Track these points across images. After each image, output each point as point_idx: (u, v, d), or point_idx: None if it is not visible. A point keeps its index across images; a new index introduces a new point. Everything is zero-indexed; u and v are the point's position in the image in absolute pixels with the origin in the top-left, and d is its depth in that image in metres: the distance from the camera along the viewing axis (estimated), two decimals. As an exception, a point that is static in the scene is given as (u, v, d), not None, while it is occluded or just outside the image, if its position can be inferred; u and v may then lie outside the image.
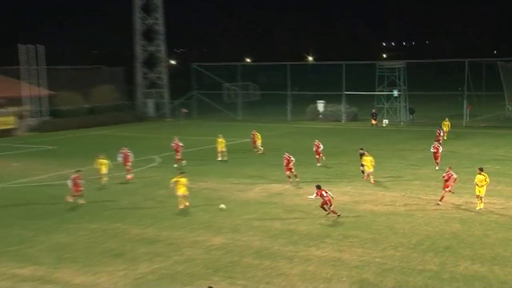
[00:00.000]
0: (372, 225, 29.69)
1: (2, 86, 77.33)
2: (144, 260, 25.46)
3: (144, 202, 35.92)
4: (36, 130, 72.01)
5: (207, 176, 43.04)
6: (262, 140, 53.86)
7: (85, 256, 26.20)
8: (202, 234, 28.95)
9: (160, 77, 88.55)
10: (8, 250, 27.25)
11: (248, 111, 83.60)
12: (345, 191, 37.31)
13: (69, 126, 74.72)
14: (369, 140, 59.97)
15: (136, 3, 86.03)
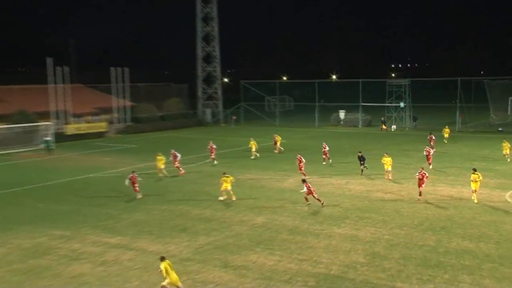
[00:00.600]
0: (382, 209, 29.60)
1: (97, 99, 78.71)
2: (203, 234, 25.74)
3: (202, 189, 36.23)
4: (122, 132, 72.87)
5: (251, 169, 43.24)
6: (281, 141, 53.82)
7: (158, 230, 26.57)
8: (247, 215, 29.15)
9: (216, 92, 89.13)
10: (100, 224, 27.81)
11: (284, 118, 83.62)
12: (361, 182, 37.17)
13: (146, 129, 75.53)
14: (380, 142, 59.62)
15: (198, 35, 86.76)
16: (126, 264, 21.96)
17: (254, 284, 19.64)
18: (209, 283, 19.87)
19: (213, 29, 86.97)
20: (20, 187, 37.82)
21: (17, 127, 59.16)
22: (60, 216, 29.63)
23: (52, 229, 27.11)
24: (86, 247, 24.11)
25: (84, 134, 67.02)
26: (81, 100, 73.34)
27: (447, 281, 19.59)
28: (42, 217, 29.62)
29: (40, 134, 59.00)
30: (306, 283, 19.67)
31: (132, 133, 72.32)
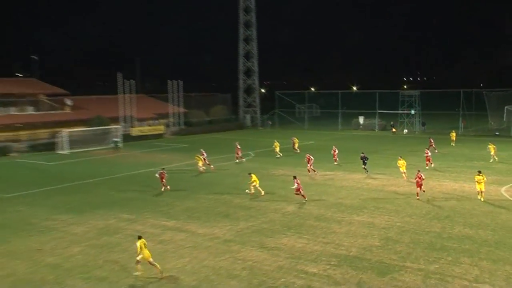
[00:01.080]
0: (395, 201, 29.13)
1: (156, 106, 79.49)
2: (242, 220, 25.77)
3: (242, 182, 36.28)
4: (176, 134, 73.49)
5: (283, 166, 43.04)
6: (298, 143, 52.84)
7: (205, 216, 26.70)
8: (280, 204, 29.06)
9: (254, 100, 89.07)
10: (158, 210, 28.08)
11: (312, 123, 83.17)
12: (377, 178, 36.67)
13: (196, 132, 75.94)
14: (394, 143, 58.72)
15: (240, 53, 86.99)
16: (179, 243, 22.15)
17: (285, 262, 19.58)
18: (248, 260, 19.89)
19: (252, 48, 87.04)
20: (95, 178, 38.54)
21: (94, 129, 60.29)
22: (126, 203, 30.08)
23: (120, 213, 27.56)
24: (147, 228, 24.41)
25: (146, 135, 67.67)
26: (144, 107, 74.24)
27: (450, 262, 19.25)
28: (112, 203, 30.11)
29: (112, 135, 59.96)
30: (329, 262, 19.52)
31: (184, 135, 72.82)
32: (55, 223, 25.83)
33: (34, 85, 73.03)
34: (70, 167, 44.77)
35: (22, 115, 64.02)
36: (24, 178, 39.75)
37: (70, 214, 27.41)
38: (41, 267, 19.58)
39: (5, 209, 29.11)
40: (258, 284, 17.57)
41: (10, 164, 47.32)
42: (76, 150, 54.70)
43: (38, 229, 24.70)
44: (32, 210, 28.70)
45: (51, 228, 24.82)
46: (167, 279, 18.15)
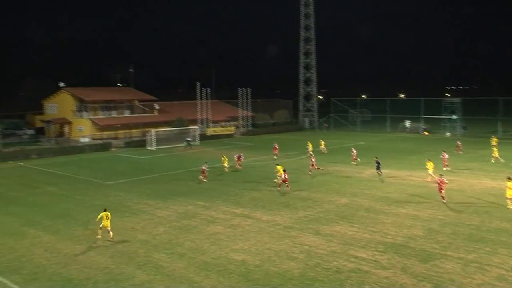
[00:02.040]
0: (437, 197, 27.91)
1: (228, 110, 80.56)
2: (301, 209, 25.60)
3: (300, 176, 36.06)
4: (244, 134, 74.01)
5: (337, 163, 42.36)
6: (325, 144, 50.66)
7: (268, 205, 26.74)
8: (334, 197, 28.65)
9: (313, 106, 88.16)
10: (229, 199, 28.37)
11: (363, 125, 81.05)
12: (420, 175, 35.24)
13: (261, 132, 75.99)
14: (437, 145, 56.15)
15: (301, 65, 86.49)
16: (246, 228, 22.33)
17: (338, 247, 19.29)
18: (305, 245, 19.76)
19: (311, 61, 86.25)
20: (177, 171, 39.55)
21: (175, 130, 61.95)
22: (201, 192, 30.65)
23: (197, 200, 28.14)
24: (219, 214, 24.78)
25: (219, 135, 68.45)
26: (217, 111, 75.43)
27: (488, 253, 18.26)
28: (190, 191, 30.80)
29: (191, 135, 61.22)
30: (377, 248, 19.03)
31: (251, 135, 73.13)
32: (145, 207, 26.79)
33: (130, 92, 76.06)
34: (157, 161, 46.25)
35: (121, 118, 66.95)
36: (121, 169, 41.50)
37: (157, 200, 28.33)
38: (134, 242, 20.37)
39: (108, 193, 30.55)
40: (313, 265, 17.42)
41: (111, 157, 49.56)
42: (162, 146, 56.39)
43: (131, 211, 25.73)
44: (127, 195, 29.93)
45: (142, 211, 25.77)
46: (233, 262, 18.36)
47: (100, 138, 60.98)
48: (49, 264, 17.87)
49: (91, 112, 65.08)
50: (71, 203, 27.92)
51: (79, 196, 29.67)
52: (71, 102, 65.20)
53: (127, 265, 17.65)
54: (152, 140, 56.74)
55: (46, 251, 19.41)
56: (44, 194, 30.49)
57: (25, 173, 38.95)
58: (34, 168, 42.07)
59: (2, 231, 22.37)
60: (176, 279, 16.29)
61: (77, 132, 63.04)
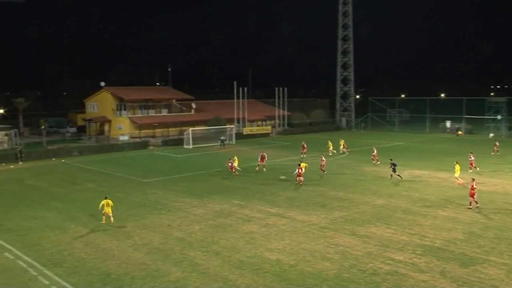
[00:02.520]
0: (479, 199, 26.93)
1: (264, 109, 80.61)
2: (336, 210, 25.39)
3: (337, 177, 35.72)
4: (281, 133, 73.80)
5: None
6: (344, 144, 49.88)
7: (304, 204, 26.65)
8: (370, 197, 28.25)
9: (350, 105, 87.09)
10: (264, 198, 28.42)
11: (401, 125, 79.50)
12: (461, 177, 34.11)
13: (298, 132, 75.44)
14: (479, 146, 54.34)
15: (338, 64, 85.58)
16: (281, 227, 22.33)
17: (374, 249, 19.01)
18: (340, 245, 19.58)
19: (349, 60, 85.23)
20: (213, 169, 39.84)
21: (211, 128, 62.56)
22: (237, 190, 30.84)
23: (232, 199, 28.35)
24: (254, 213, 24.88)
25: (255, 134, 68.52)
26: (254, 110, 75.66)
27: (534, 260, 17.47)
28: (226, 190, 31.06)
29: (226, 134, 61.67)
30: (415, 251, 18.64)
31: (287, 134, 72.80)
32: (181, 204, 27.25)
33: (168, 92, 77.54)
34: (193, 159, 46.90)
35: (158, 116, 68.35)
36: (158, 167, 42.33)
37: (193, 198, 28.75)
38: (170, 239, 20.78)
39: (145, 191, 31.26)
40: (349, 266, 17.25)
41: (149, 156, 50.65)
42: (198, 145, 57.11)
43: (168, 209, 26.23)
44: (164, 193, 30.51)
45: (178, 209, 26.22)
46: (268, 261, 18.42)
47: (138, 137, 62.42)
48: (89, 259, 18.49)
49: (130, 111, 66.79)
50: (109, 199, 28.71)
51: (117, 193, 30.48)
52: (111, 101, 67.08)
53: (163, 262, 18.03)
54: (189, 138, 57.58)
55: (86, 245, 20.09)
56: (84, 190, 31.54)
57: (67, 170, 40.42)
58: (76, 165, 43.56)
59: (46, 225, 23.33)
60: (211, 277, 16.51)
61: (116, 130, 64.81)
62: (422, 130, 74.13)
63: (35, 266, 17.81)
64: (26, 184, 34.65)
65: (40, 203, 28.00)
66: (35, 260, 18.40)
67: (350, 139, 63.64)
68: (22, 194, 31.03)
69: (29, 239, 21.14)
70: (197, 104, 74.16)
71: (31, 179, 36.37)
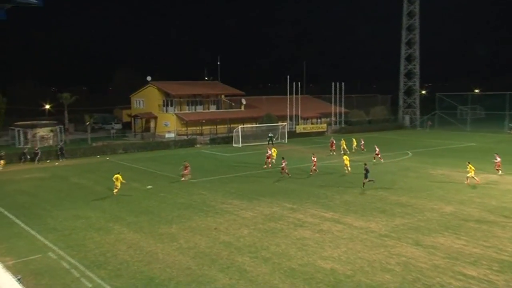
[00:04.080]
0: None
1: (319, 106, 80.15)
2: (398, 216, 24.69)
3: (400, 180, 34.71)
4: (337, 132, 72.72)
5: (441, 166, 40.19)
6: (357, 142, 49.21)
7: (361, 210, 26.15)
8: (437, 204, 27.21)
9: (414, 102, 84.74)
10: (318, 201, 28.16)
11: (474, 124, 76.22)
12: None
13: (355, 131, 74.20)
14: None
15: (402, 56, 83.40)
16: (336, 234, 21.95)
17: (441, 262, 18.23)
18: (402, 256, 18.94)
19: (414, 51, 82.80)
20: (263, 170, 40.00)
21: (262, 126, 62.69)
22: (289, 193, 30.71)
23: (284, 202, 28.24)
24: (307, 218, 24.65)
25: (309, 133, 68.23)
26: (308, 107, 75.26)
27: None
28: (277, 192, 31.00)
29: (277, 132, 61.53)
30: (491, 266, 17.67)
31: (344, 133, 71.59)
32: (229, 206, 27.43)
33: (217, 87, 78.58)
34: (242, 159, 47.18)
35: (206, 113, 69.49)
36: (206, 166, 42.92)
37: (241, 200, 28.87)
38: (217, 244, 20.94)
39: (191, 191, 31.76)
40: (412, 280, 16.62)
41: (196, 154, 51.51)
42: (248, 144, 57.46)
43: (215, 211, 26.48)
44: (211, 194, 30.86)
45: (226, 211, 26.41)
46: (324, 266, 18.12)
47: (185, 134, 63.70)
48: (132, 261, 18.96)
49: (177, 107, 68.30)
50: (154, 200, 29.43)
51: (163, 194, 31.16)
52: (158, 97, 68.87)
53: (209, 267, 18.17)
54: (238, 136, 58.03)
55: (130, 247, 20.63)
56: (128, 189, 32.48)
57: (112, 168, 41.82)
58: (120, 163, 45.02)
59: (89, 225, 24.21)
60: (259, 285, 16.44)
61: (162, 127, 66.49)
62: (499, 130, 70.74)
63: (78, 267, 18.47)
64: (70, 182, 36.19)
65: (84, 202, 29.13)
66: (78, 261, 19.09)
67: (414, 139, 61.81)
68: (66, 192, 32.44)
69: (73, 239, 22.00)
70: (248, 100, 74.77)
71: (75, 177, 37.96)
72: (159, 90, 69.17)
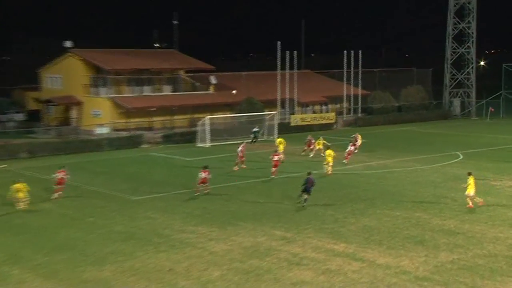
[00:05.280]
0: None
1: (325, 86, 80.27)
2: (444, 250, 24.82)
3: (446, 194, 34.83)
4: (351, 125, 73.11)
5: (510, 175, 40.62)
6: None
7: (389, 239, 26.23)
8: (504, 231, 27.43)
9: (468, 78, 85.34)
10: (324, 228, 28.18)
11: None
12: None
13: (379, 122, 75.00)
14: None
15: (450, 9, 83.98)
16: (350, 275, 21.96)
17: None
18: (451, 309, 19.02)
19: (469, 1, 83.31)
20: (244, 181, 39.77)
21: (242, 116, 62.36)
22: (281, 215, 30.61)
23: (273, 228, 28.12)
24: (308, 252, 24.60)
25: (310, 125, 67.88)
26: (308, 87, 75.20)
27: None
28: (263, 214, 30.86)
29: (265, 125, 61.37)
30: None
31: (362, 126, 72.02)
32: (192, 236, 27.19)
33: (174, 58, 77.91)
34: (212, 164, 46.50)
35: (157, 97, 68.69)
36: (157, 176, 42.54)
37: (210, 226, 28.65)
38: (172, 293, 20.74)
39: (135, 215, 31.38)
40: None
41: (142, 159, 51.09)
42: (221, 142, 57.22)
43: (170, 243, 26.22)
44: (165, 217, 30.59)
45: (186, 243, 26.17)
46: None
47: (126, 129, 63.19)
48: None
49: (113, 88, 67.57)
50: (78, 228, 29.03)
51: (91, 218, 30.75)
52: (82, 72, 68.07)
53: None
54: (205, 132, 57.76)
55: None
56: (38, 214, 31.96)
57: (8, 181, 40.65)
58: (23, 173, 43.91)
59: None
60: None
61: (90, 118, 65.85)
62: None
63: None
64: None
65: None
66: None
67: (468, 133, 62.25)
68: None
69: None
70: (219, 78, 74.37)
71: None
72: (85, 63, 68.45)
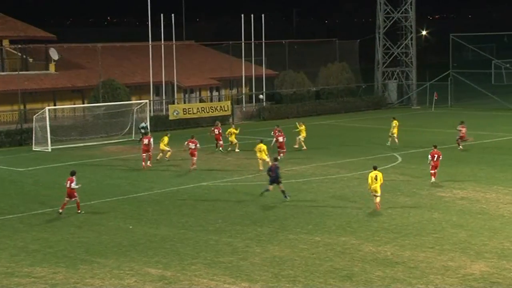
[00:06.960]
0: None
1: (217, 64, 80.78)
2: (379, 286, 25.33)
3: (382, 211, 35.76)
4: (253, 118, 73.76)
5: (464, 183, 42.18)
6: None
7: (306, 275, 26.35)
8: (455, 258, 28.17)
9: (406, 53, 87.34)
10: (218, 261, 28.11)
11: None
12: None
13: (291, 113, 75.63)
14: None
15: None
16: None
17: None
18: None
19: None
20: (103, 199, 39.72)
21: (102, 106, 61.81)
22: (158, 245, 30.57)
23: (147, 264, 27.94)
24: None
25: (195, 119, 68.63)
26: (193, 66, 75.66)
27: None
28: (132, 245, 30.69)
29: (135, 118, 60.98)
30: None
31: (268, 119, 72.73)
32: (25, 282, 26.43)
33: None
34: (54, 177, 46.28)
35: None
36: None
37: (54, 266, 28.16)
38: None
39: None
40: None
41: None
42: (68, 144, 56.63)
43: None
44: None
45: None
46: None
47: None
48: None
49: None
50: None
51: None
52: None
53: None
54: (44, 130, 56.95)
55: None
56: None
57: None
58: None
59: None
60: None
61: None
62: None
63: None
64: None
65: None
66: None
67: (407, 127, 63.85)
68: None
69: None
70: (64, 51, 73.56)
71: None
72: None
